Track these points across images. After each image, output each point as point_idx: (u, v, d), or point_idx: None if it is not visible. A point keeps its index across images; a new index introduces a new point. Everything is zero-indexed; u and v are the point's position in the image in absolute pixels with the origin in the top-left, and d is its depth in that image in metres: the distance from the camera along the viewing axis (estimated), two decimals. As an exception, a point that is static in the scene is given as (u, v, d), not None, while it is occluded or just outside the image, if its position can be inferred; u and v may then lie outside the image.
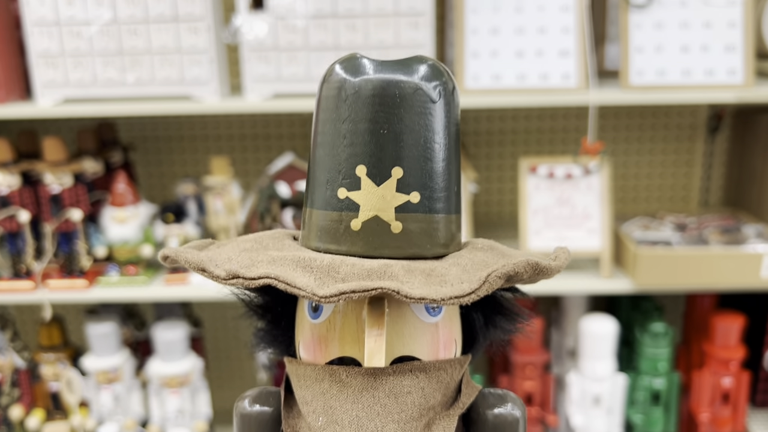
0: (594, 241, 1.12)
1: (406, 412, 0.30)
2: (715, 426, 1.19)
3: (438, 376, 0.32)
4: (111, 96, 1.05)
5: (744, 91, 1.02)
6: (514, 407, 0.30)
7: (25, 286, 1.13)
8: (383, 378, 0.31)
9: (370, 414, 0.30)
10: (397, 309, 0.34)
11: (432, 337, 0.34)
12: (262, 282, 0.33)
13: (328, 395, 0.31)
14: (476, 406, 0.31)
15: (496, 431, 0.28)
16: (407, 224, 0.35)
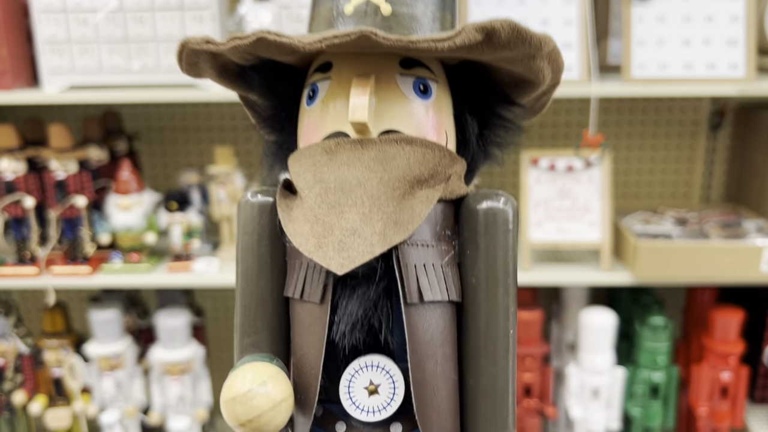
0: (594, 234, 1.13)
1: (389, 173, 0.29)
2: (714, 420, 1.20)
3: (424, 152, 0.32)
4: (116, 83, 1.06)
5: (745, 85, 1.03)
6: (506, 201, 0.29)
7: (29, 272, 1.14)
8: (370, 145, 0.31)
9: (355, 172, 0.29)
10: (386, 86, 0.34)
11: (421, 118, 0.34)
12: (255, 37, 0.33)
13: (319, 164, 0.31)
14: (467, 201, 0.30)
15: (486, 219, 0.27)
16: (396, 7, 0.35)
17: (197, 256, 1.17)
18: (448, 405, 0.24)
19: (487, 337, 0.25)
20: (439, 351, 0.24)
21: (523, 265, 1.13)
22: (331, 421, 0.26)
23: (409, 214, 0.28)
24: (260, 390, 0.23)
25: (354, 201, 0.27)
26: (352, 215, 0.27)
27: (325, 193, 0.29)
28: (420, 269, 0.25)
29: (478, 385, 0.24)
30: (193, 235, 1.16)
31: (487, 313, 0.25)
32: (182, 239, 1.15)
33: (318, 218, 0.27)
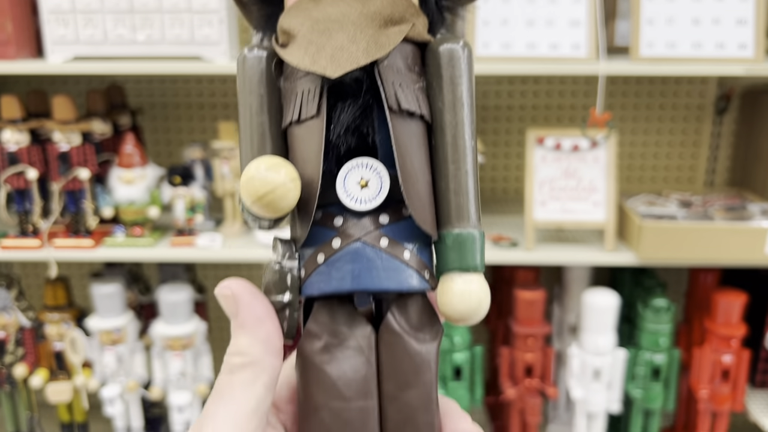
0: (599, 214, 1.12)
1: (367, 8, 0.32)
2: (714, 403, 1.20)
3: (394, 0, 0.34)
4: (121, 54, 1.05)
5: (754, 65, 1.02)
6: (464, 45, 0.32)
7: (31, 244, 1.14)
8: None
9: (339, 8, 0.32)
10: None
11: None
12: None
13: (307, 9, 0.33)
14: (431, 46, 0.33)
15: (449, 59, 0.31)
16: None
17: (200, 231, 1.17)
18: (427, 195, 0.29)
19: (454, 148, 0.29)
20: (416, 154, 0.29)
21: (527, 244, 1.13)
22: (329, 219, 0.29)
23: (386, 39, 0.32)
24: (274, 169, 0.27)
25: (340, 26, 0.32)
26: (340, 37, 0.31)
27: (315, 24, 0.33)
28: (397, 86, 0.30)
29: (448, 187, 0.29)
30: (197, 210, 1.16)
31: (454, 128, 0.29)
32: (185, 214, 1.15)
33: (311, 42, 0.32)
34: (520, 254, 1.12)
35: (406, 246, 0.29)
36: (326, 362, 0.28)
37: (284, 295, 0.29)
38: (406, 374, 0.29)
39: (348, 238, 0.28)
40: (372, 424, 0.29)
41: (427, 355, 0.29)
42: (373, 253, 0.28)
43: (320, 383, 0.28)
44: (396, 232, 0.29)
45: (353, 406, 0.28)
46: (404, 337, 0.29)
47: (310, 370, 0.29)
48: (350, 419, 0.28)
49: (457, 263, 0.29)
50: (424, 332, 0.29)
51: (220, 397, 0.28)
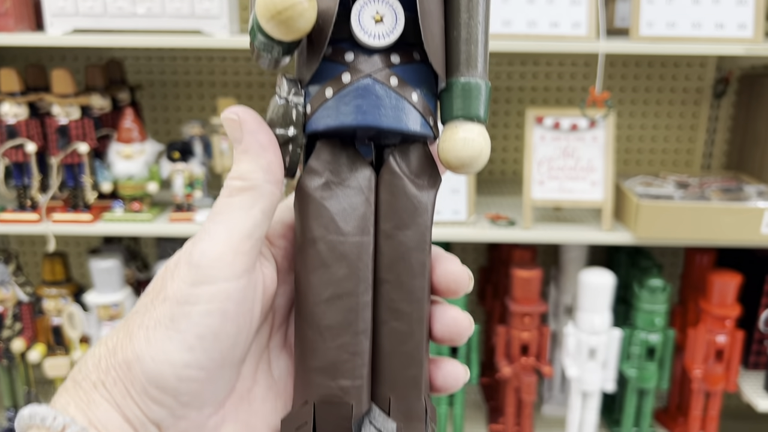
0: (596, 194, 1.13)
1: None
2: (708, 383, 1.21)
3: None
4: (120, 27, 1.05)
5: (753, 45, 1.03)
6: None
7: (29, 218, 1.14)
8: None
9: None
10: None
11: None
12: None
13: None
14: None
15: None
16: None
17: (199, 208, 1.17)
18: (439, 38, 0.29)
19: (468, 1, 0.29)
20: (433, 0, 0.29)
21: (525, 223, 1.13)
22: (340, 54, 0.29)
23: None
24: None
25: None
26: None
27: None
28: None
29: (460, 35, 0.29)
30: (195, 186, 1.16)
31: None
32: (184, 189, 1.15)
33: None
34: (517, 233, 1.13)
35: (414, 88, 0.29)
36: (326, 198, 0.29)
37: (288, 130, 0.29)
38: (403, 215, 0.29)
39: (358, 74, 0.28)
40: (366, 258, 0.29)
41: (425, 200, 0.30)
42: (383, 91, 0.28)
43: (319, 217, 0.29)
44: (406, 74, 0.29)
45: (350, 240, 0.29)
46: (404, 179, 0.29)
47: (310, 205, 0.29)
48: (346, 252, 0.29)
49: (462, 111, 0.29)
50: (422, 179, 0.30)
51: (217, 217, 0.28)
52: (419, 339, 0.30)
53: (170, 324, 0.27)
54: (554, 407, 1.38)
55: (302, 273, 0.29)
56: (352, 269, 0.29)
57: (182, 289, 0.27)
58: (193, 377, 0.27)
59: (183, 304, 0.27)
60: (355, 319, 0.29)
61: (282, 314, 0.32)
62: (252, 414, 0.30)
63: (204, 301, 0.27)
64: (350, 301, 0.29)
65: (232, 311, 0.27)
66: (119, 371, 0.27)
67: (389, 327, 0.30)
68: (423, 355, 0.30)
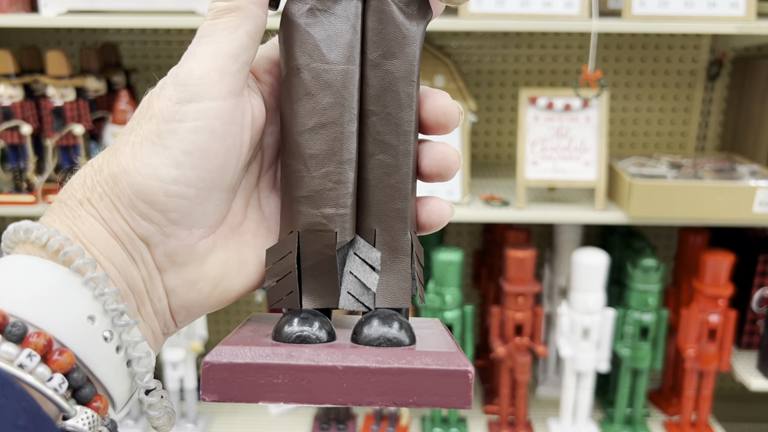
0: (590, 174, 1.13)
1: None
2: (701, 362, 1.22)
3: None
4: (115, 8, 1.05)
5: (745, 23, 1.03)
6: None
7: (25, 200, 1.14)
8: None
9: None
10: None
11: None
12: None
13: None
14: None
15: None
16: None
17: (194, 189, 1.18)
18: None
19: None
20: None
21: (518, 203, 1.14)
22: None
23: None
24: None
25: None
26: None
27: None
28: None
29: None
30: (190, 168, 1.16)
31: None
32: (179, 171, 1.15)
33: None
34: (511, 212, 1.13)
35: None
36: (311, 24, 0.28)
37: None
38: (391, 43, 0.29)
39: None
40: (352, 87, 0.28)
41: (414, 30, 0.29)
42: None
43: (303, 44, 0.28)
44: None
45: (335, 68, 0.28)
46: (393, 8, 0.29)
47: (294, 32, 0.28)
48: (331, 80, 0.28)
49: None
50: (412, 7, 0.29)
51: (202, 39, 0.28)
52: (406, 172, 0.30)
53: (157, 140, 0.27)
54: (549, 389, 1.39)
55: (287, 103, 0.29)
56: (337, 98, 0.28)
57: (168, 107, 0.27)
58: (182, 194, 0.27)
59: (169, 121, 0.27)
60: (340, 148, 0.29)
61: (271, 155, 0.32)
62: (243, 245, 0.30)
63: (191, 118, 0.27)
64: (335, 130, 0.28)
65: (220, 129, 0.27)
66: (105, 187, 0.27)
67: (376, 159, 0.29)
68: (409, 189, 0.30)
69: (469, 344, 1.22)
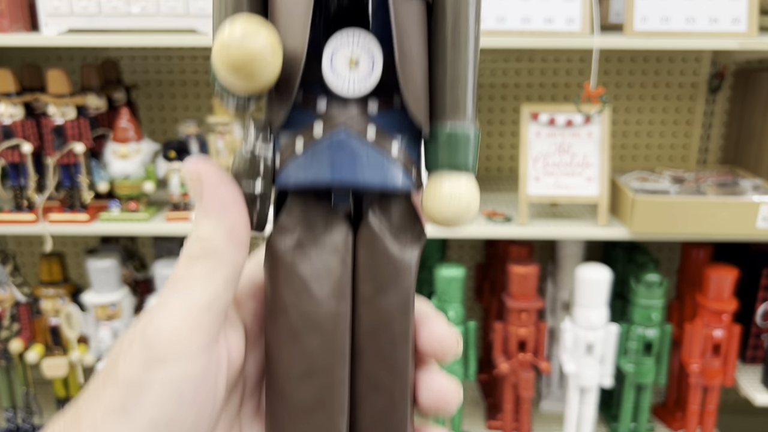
0: (592, 189, 1.13)
1: None
2: (705, 378, 1.21)
3: None
4: (115, 27, 1.05)
5: (747, 39, 1.03)
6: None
7: (26, 219, 1.14)
8: None
9: None
10: None
11: None
12: None
13: None
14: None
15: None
16: None
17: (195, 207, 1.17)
18: (422, 81, 0.26)
19: (453, 33, 0.26)
20: (415, 35, 0.26)
21: (521, 219, 1.14)
22: (311, 101, 0.26)
23: None
24: (254, 33, 0.23)
25: None
26: None
27: None
28: None
29: (445, 75, 0.26)
30: (192, 185, 1.16)
31: (455, 11, 0.26)
32: (180, 188, 1.15)
33: None
34: (513, 229, 1.13)
35: (394, 138, 0.26)
36: (298, 260, 0.26)
37: (256, 184, 0.26)
38: (384, 277, 0.27)
39: (331, 125, 0.26)
40: (343, 329, 0.26)
41: (408, 260, 0.27)
42: (359, 144, 0.26)
43: (290, 282, 0.26)
44: (385, 122, 0.26)
45: (324, 308, 0.26)
46: (385, 238, 0.27)
47: (280, 268, 0.26)
48: (320, 323, 0.26)
49: (447, 161, 0.26)
50: (405, 234, 0.27)
51: (174, 287, 0.25)
52: (403, 414, 0.27)
53: (120, 412, 0.24)
54: (552, 403, 1.38)
55: (273, 344, 0.27)
56: (327, 341, 0.26)
57: (133, 373, 0.24)
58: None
59: (134, 390, 0.24)
60: (330, 398, 0.26)
61: (253, 381, 0.29)
62: None
63: (157, 387, 0.24)
64: (325, 378, 0.26)
65: (189, 395, 0.24)
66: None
67: (370, 402, 0.27)
68: (407, 430, 0.28)
69: (472, 360, 1.22)
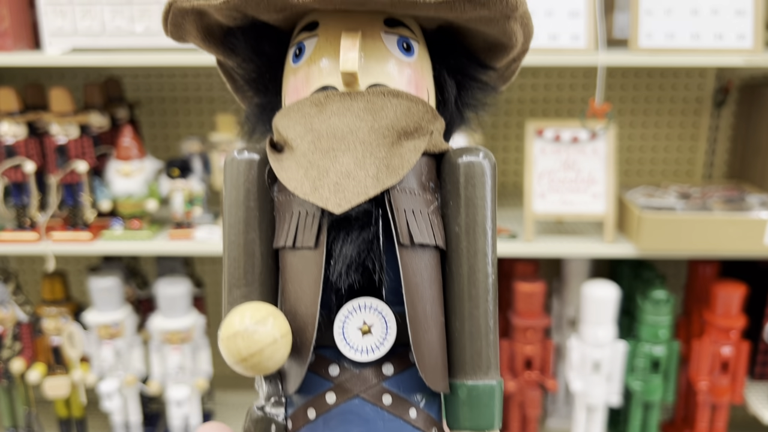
0: (598, 206, 1.12)
1: (379, 122, 0.30)
2: (713, 395, 1.20)
3: (409, 105, 0.33)
4: (119, 46, 1.05)
5: (753, 56, 1.02)
6: (485, 155, 0.30)
7: (28, 238, 1.13)
8: (359, 96, 0.32)
9: (345, 120, 0.30)
10: (372, 43, 0.34)
11: (404, 74, 0.34)
12: None
13: (309, 116, 0.31)
14: (448, 156, 0.31)
15: (467, 171, 0.28)
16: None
17: (198, 224, 1.17)
18: (438, 343, 0.26)
19: (470, 282, 0.26)
20: (428, 293, 0.26)
21: (526, 236, 1.13)
22: (323, 366, 0.26)
23: (399, 161, 0.29)
24: (261, 325, 0.24)
25: (347, 146, 0.29)
26: (346, 159, 0.28)
27: (318, 140, 0.29)
28: (410, 214, 0.27)
29: (463, 328, 0.26)
30: (195, 203, 1.15)
31: (470, 259, 0.26)
32: (183, 207, 1.14)
33: (312, 163, 0.28)
34: (519, 246, 1.12)
35: (412, 401, 0.25)
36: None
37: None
38: None
39: (345, 394, 0.25)
40: None
41: None
42: (374, 413, 0.25)
43: None
44: (401, 385, 0.26)
45: None
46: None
47: None
48: None
49: (470, 422, 0.25)
50: None
51: None
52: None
53: None
54: (559, 420, 1.37)
55: None
56: None
57: None
58: None
59: None
60: None
61: None
62: None
63: None
64: None
65: None
66: None
67: None
68: None
69: (477, 379, 1.20)
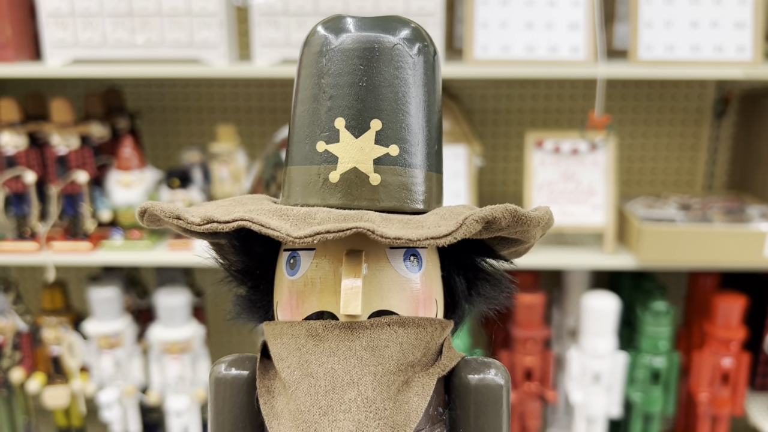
0: (598, 217, 1.12)
1: (383, 365, 0.29)
2: (714, 407, 1.19)
3: (417, 333, 0.32)
4: (120, 57, 1.05)
5: (752, 68, 1.02)
6: (498, 374, 0.29)
7: (29, 248, 1.13)
8: (360, 331, 0.31)
9: (346, 366, 0.29)
10: (376, 263, 0.33)
11: (411, 293, 0.34)
12: (236, 225, 0.32)
13: (304, 350, 0.30)
14: (458, 371, 0.30)
15: (478, 397, 0.27)
16: (386, 177, 0.35)
17: (198, 235, 1.17)
18: None
19: None
20: None
21: (526, 247, 1.12)
22: None
23: (405, 415, 0.28)
24: None
25: (348, 406, 0.28)
26: (347, 423, 0.27)
27: (316, 393, 0.29)
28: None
29: None
30: (195, 213, 1.15)
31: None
32: (184, 217, 1.14)
33: (310, 424, 0.27)
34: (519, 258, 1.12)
35: None
36: None
37: None
38: None
39: None
40: None
41: None
42: None
43: None
44: None
45: None
46: None
47: None
48: None
49: None
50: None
51: None
52: None
53: None
54: (558, 431, 1.36)
55: None
56: None
57: None
58: None
59: None
60: None
61: None
62: None
63: None
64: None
65: None
66: None
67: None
68: None
69: (477, 389, 1.20)
